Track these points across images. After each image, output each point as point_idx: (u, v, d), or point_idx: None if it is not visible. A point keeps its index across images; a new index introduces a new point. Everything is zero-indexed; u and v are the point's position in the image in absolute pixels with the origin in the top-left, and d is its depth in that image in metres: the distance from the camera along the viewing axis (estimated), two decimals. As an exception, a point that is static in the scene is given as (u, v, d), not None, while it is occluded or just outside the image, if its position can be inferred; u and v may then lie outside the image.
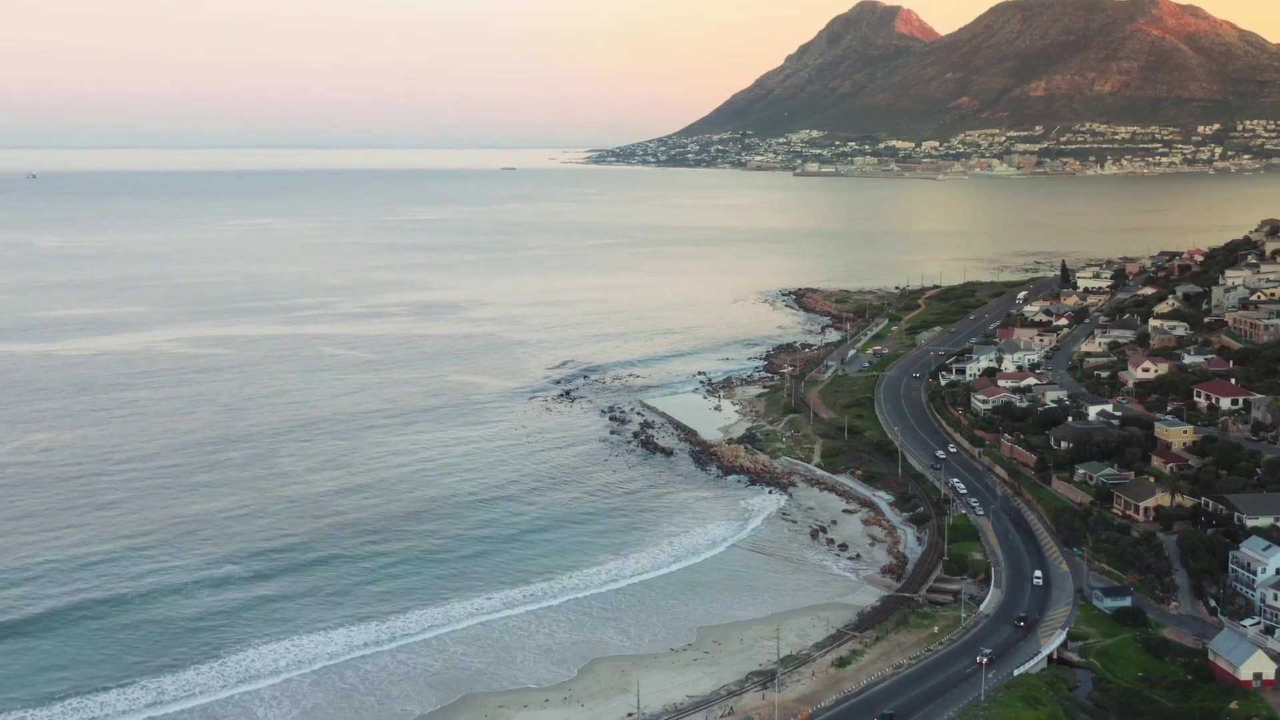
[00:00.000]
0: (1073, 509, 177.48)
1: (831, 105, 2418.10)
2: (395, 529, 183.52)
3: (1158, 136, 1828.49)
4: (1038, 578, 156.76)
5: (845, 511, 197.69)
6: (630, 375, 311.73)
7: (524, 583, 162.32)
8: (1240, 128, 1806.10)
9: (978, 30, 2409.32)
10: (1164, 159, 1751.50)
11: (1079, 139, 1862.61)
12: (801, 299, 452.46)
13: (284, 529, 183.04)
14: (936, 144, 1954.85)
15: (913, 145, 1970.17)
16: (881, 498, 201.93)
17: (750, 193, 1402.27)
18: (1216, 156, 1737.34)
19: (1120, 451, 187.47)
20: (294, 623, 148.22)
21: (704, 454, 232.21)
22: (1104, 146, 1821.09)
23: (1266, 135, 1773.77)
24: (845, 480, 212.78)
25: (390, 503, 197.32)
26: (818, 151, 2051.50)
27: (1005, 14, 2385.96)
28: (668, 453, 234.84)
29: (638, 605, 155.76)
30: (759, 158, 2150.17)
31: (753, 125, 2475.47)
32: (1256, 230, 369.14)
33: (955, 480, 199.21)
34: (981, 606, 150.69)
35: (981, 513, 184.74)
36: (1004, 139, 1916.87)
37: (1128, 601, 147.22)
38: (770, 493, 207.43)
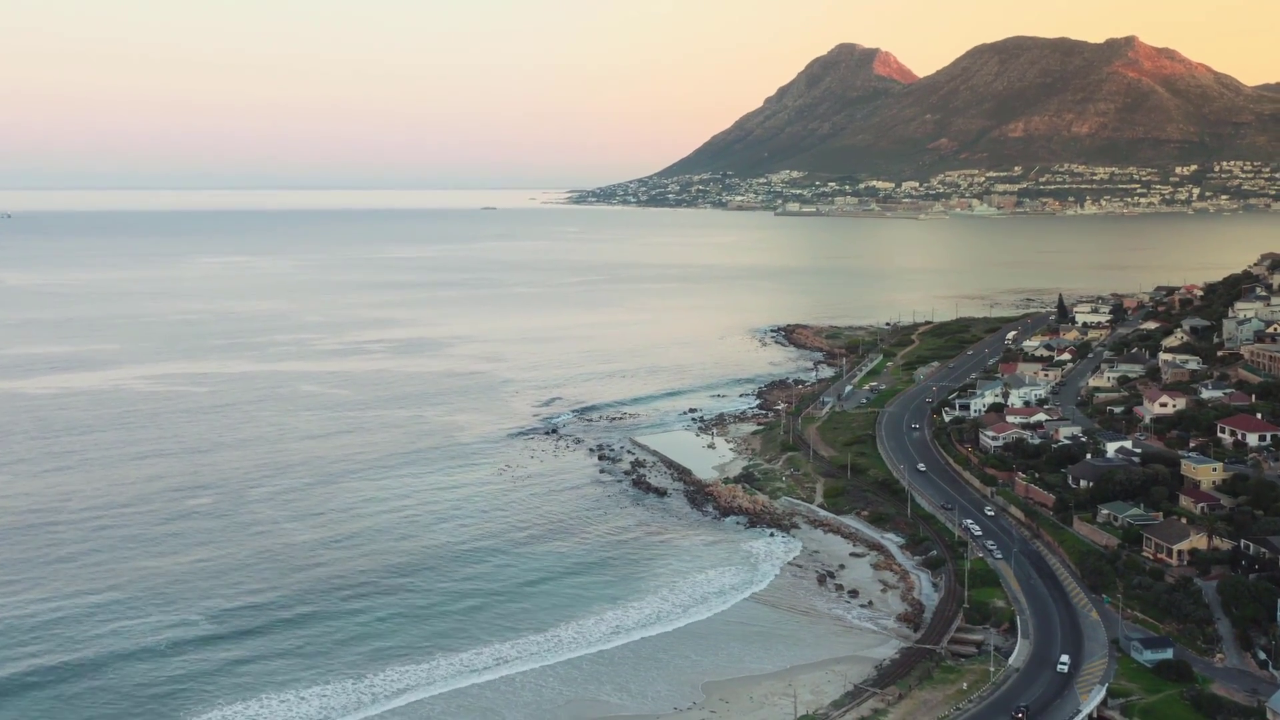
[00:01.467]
0: (1098, 552, 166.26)
1: (811, 146, 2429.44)
2: (375, 582, 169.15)
3: (1136, 177, 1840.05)
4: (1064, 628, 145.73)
5: (853, 555, 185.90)
6: (619, 413, 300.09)
7: (515, 637, 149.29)
8: (1217, 169, 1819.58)
9: (955, 72, 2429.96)
10: (1143, 199, 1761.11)
11: (1058, 179, 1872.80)
12: (791, 335, 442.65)
13: (256, 583, 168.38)
14: (916, 184, 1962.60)
15: (893, 185, 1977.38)
16: (891, 540, 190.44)
17: (732, 231, 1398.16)
18: (1195, 197, 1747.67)
19: (1145, 490, 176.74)
20: (266, 686, 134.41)
21: (699, 494, 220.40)
22: (1083, 187, 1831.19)
23: (1244, 176, 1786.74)
24: (851, 521, 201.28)
25: (369, 553, 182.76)
26: (798, 192, 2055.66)
27: (982, 56, 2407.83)
28: (661, 493, 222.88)
29: (637, 659, 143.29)
30: (740, 198, 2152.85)
31: (733, 166, 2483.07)
32: (1257, 264, 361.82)
33: (969, 521, 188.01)
34: (1010, 659, 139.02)
35: (1000, 556, 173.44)
36: (983, 179, 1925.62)
37: (1169, 654, 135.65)
38: (772, 535, 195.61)
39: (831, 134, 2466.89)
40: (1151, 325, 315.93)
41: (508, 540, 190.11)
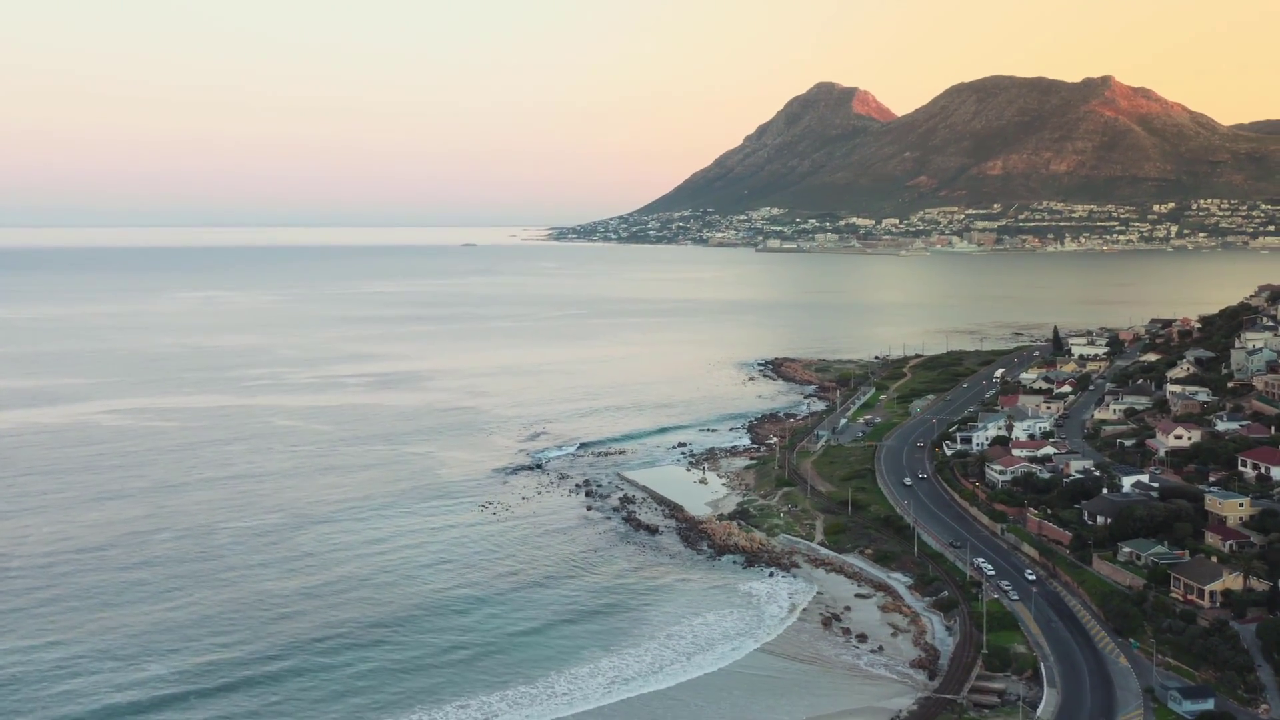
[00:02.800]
0: (1122, 593, 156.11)
1: (791, 184, 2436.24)
2: (354, 634, 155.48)
3: (1114, 215, 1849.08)
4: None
5: (858, 596, 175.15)
6: (605, 448, 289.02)
7: (505, 689, 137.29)
8: (1195, 207, 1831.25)
9: (934, 111, 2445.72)
10: (1121, 237, 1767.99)
11: (1037, 217, 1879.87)
12: (779, 368, 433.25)
13: (225, 636, 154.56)
14: (896, 221, 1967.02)
15: (873, 223, 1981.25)
16: (898, 580, 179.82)
17: (714, 267, 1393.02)
18: (1173, 235, 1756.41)
19: (1168, 527, 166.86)
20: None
21: (693, 531, 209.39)
22: (1062, 224, 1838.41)
23: (1221, 214, 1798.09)
24: (854, 560, 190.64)
25: (347, 602, 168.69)
26: (779, 229, 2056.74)
27: (961, 95, 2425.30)
28: (653, 530, 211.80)
29: (638, 715, 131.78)
30: (721, 234, 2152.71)
31: (713, 203, 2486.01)
32: (1254, 296, 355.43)
33: (981, 560, 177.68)
34: (1038, 711, 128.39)
35: (1016, 597, 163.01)
36: (963, 217, 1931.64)
37: (1211, 704, 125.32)
38: (771, 575, 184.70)
39: (811, 171, 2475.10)
40: (1152, 357, 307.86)
41: (494, 586, 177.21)
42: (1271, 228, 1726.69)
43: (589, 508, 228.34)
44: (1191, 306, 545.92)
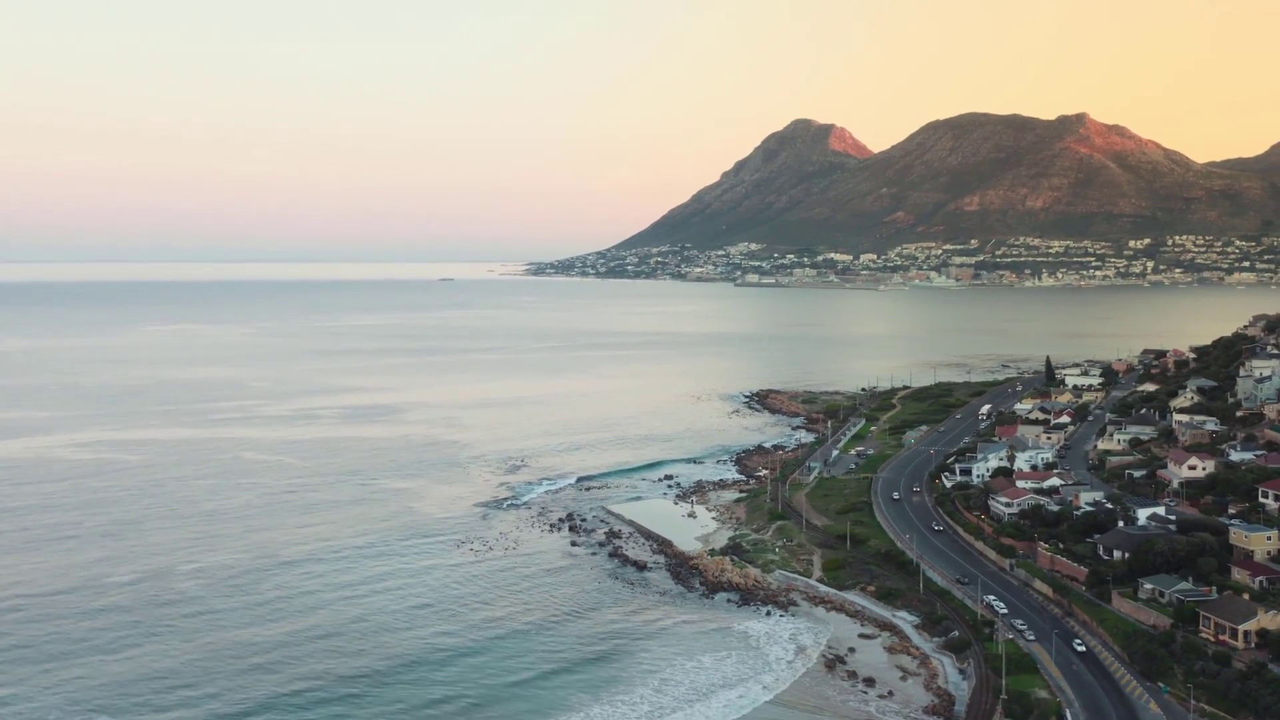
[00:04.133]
0: (1147, 633, 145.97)
1: (769, 219, 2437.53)
2: (326, 687, 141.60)
3: (1090, 251, 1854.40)
4: None
5: (862, 636, 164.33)
6: (588, 481, 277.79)
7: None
8: (1170, 243, 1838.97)
9: (910, 148, 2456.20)
10: (1098, 272, 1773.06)
11: (1014, 253, 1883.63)
12: (764, 400, 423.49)
13: (186, 689, 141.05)
14: (874, 257, 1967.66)
15: (851, 258, 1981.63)
16: (903, 619, 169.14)
17: (693, 301, 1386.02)
18: (1149, 270, 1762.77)
19: (1191, 562, 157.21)
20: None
21: (684, 568, 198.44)
22: (1039, 260, 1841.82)
23: (1196, 250, 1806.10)
24: (856, 598, 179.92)
25: (318, 652, 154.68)
26: (757, 264, 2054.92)
27: (937, 132, 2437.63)
28: (641, 566, 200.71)
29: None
30: (699, 269, 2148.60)
31: (691, 238, 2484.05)
32: (1249, 326, 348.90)
33: (991, 598, 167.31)
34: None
35: (1033, 637, 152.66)
36: (940, 252, 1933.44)
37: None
38: (768, 614, 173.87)
39: (789, 207, 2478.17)
40: (1151, 387, 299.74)
41: (475, 633, 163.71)
42: (1246, 264, 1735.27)
43: (573, 543, 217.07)
44: (1174, 339, 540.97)
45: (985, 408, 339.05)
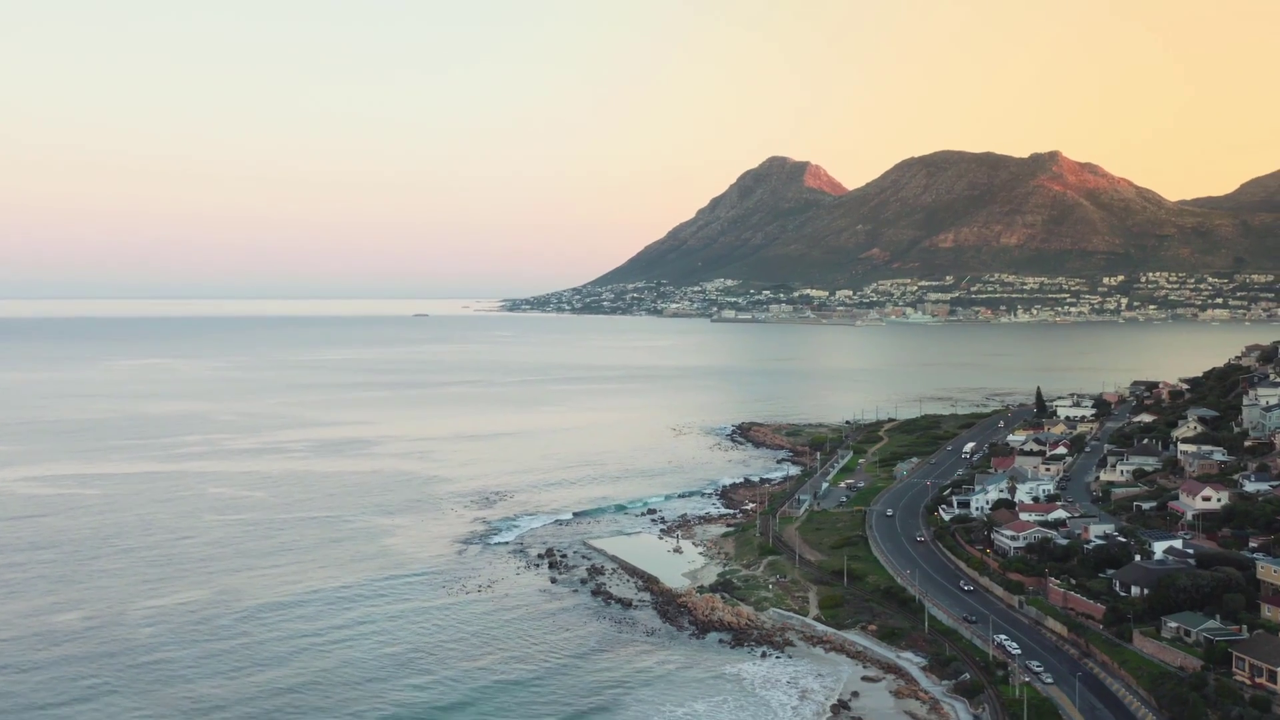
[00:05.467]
0: (1176, 675, 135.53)
1: (745, 255, 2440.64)
2: None
3: (1065, 287, 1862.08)
4: None
5: (866, 679, 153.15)
6: (568, 516, 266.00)
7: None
8: (1144, 279, 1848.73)
9: (885, 185, 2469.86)
10: (1073, 309, 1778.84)
11: (989, 289, 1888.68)
12: (747, 433, 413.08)
13: None
14: (850, 293, 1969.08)
15: (827, 294, 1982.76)
16: (909, 660, 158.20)
17: (670, 336, 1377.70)
18: (1124, 307, 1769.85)
19: (1217, 599, 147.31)
20: None
21: (672, 606, 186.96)
22: (1014, 296, 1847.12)
23: (1169, 287, 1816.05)
24: (856, 638, 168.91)
25: (280, 709, 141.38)
26: (733, 300, 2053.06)
27: (911, 170, 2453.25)
28: (626, 604, 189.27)
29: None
30: (675, 305, 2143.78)
31: (667, 275, 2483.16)
32: (1244, 356, 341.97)
33: (1003, 637, 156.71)
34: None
35: (1050, 680, 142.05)
36: (916, 288, 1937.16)
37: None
38: (763, 655, 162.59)
39: (765, 244, 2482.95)
40: (1147, 418, 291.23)
41: (453, 686, 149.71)
42: (1219, 300, 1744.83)
43: (553, 580, 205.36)
44: (1155, 373, 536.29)
45: (969, 445, 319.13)
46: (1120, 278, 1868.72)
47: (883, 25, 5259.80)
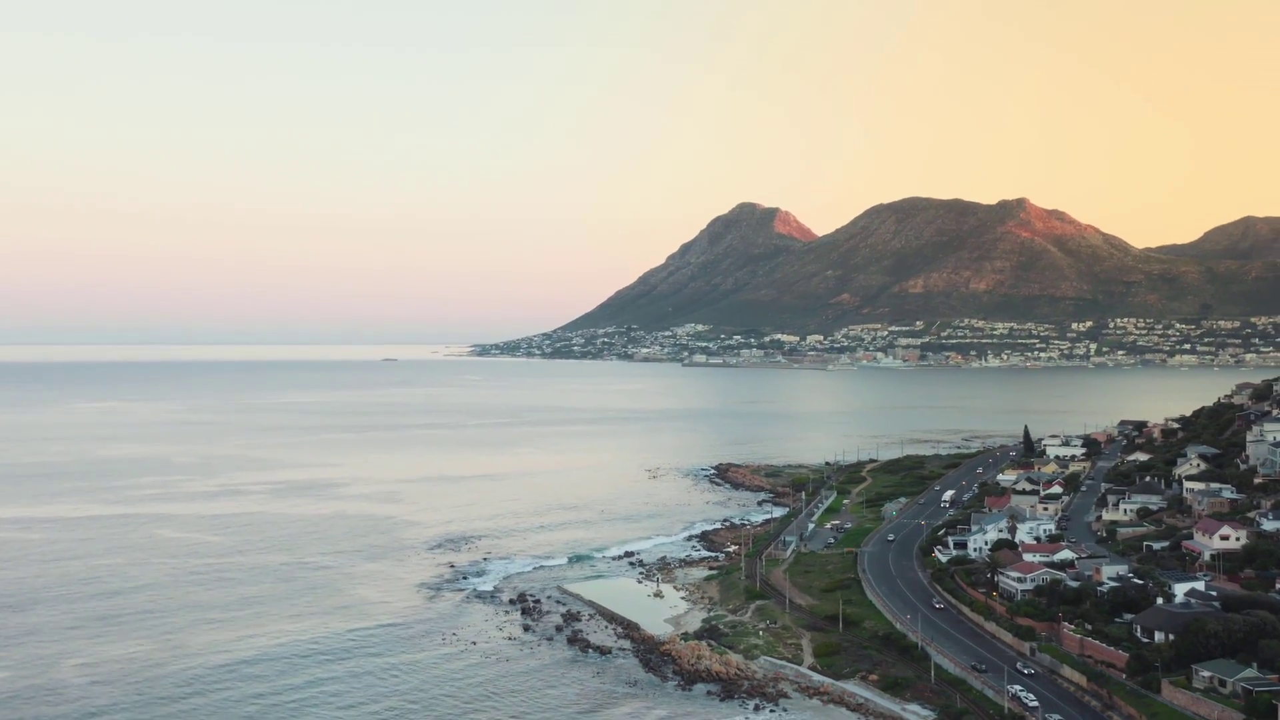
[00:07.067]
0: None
1: (715, 300, 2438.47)
2: None
3: (1034, 333, 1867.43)
4: None
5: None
6: (541, 559, 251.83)
7: None
8: (1112, 325, 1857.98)
9: (855, 231, 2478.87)
10: (1043, 354, 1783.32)
11: (959, 334, 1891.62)
12: (725, 474, 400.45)
13: None
14: (821, 338, 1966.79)
15: (798, 339, 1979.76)
16: (915, 713, 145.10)
17: (641, 380, 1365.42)
18: (1093, 352, 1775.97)
19: (1251, 645, 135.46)
20: None
21: (654, 654, 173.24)
22: (983, 341, 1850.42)
23: (1138, 332, 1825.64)
24: (856, 688, 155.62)
25: None
26: (704, 344, 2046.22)
27: (880, 216, 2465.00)
28: (604, 651, 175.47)
29: None
30: (646, 350, 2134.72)
31: (637, 320, 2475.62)
32: (1235, 394, 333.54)
33: (1018, 688, 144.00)
34: None
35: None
36: (886, 333, 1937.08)
37: None
38: (756, 708, 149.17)
39: (735, 289, 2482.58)
40: (1142, 456, 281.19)
41: None
42: (1187, 346, 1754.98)
43: (526, 628, 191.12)
44: (1131, 414, 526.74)
45: (948, 494, 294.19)
46: (1089, 323, 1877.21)
47: (853, 75, 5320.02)
